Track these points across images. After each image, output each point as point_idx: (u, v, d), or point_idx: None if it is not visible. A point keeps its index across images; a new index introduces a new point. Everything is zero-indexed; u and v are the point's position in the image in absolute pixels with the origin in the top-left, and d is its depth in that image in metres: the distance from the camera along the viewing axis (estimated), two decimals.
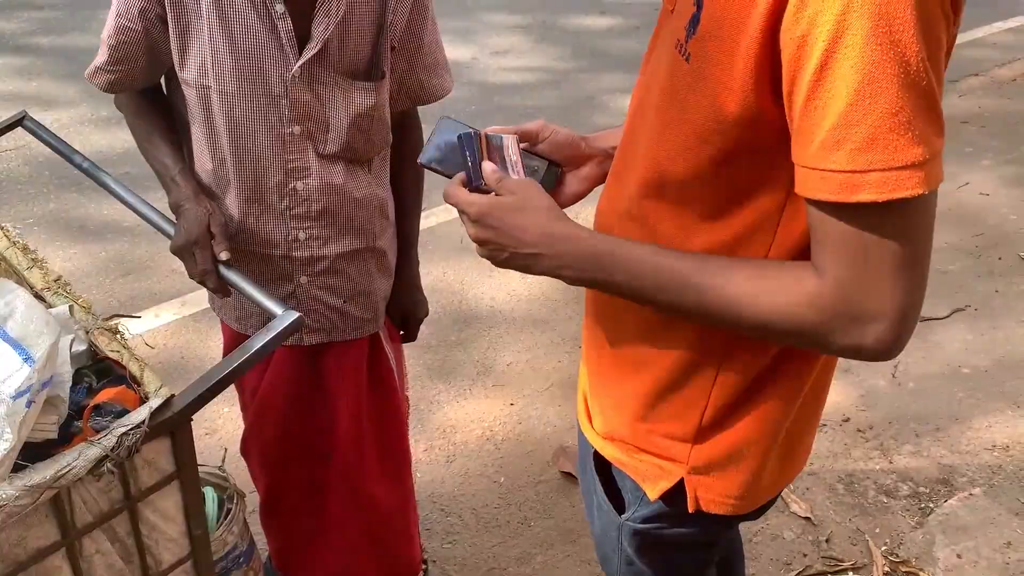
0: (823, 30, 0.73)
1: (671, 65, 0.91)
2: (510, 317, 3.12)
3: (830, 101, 0.74)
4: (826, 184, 0.77)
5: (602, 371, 1.17)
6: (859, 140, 0.74)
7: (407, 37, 1.48)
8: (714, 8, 0.83)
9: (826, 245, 0.81)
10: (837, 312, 0.81)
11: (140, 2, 1.37)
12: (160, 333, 2.95)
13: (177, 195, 1.44)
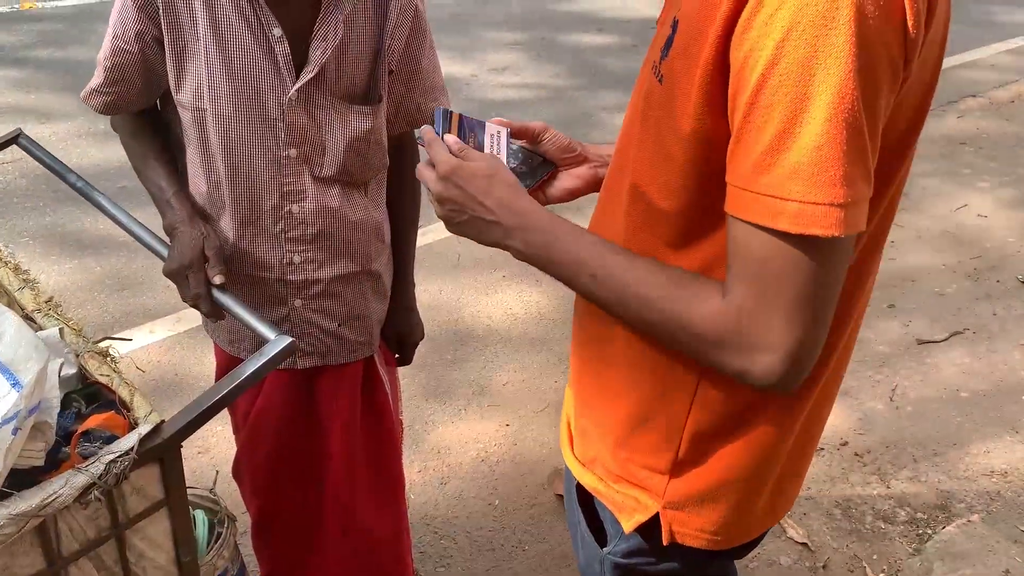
0: (763, 54, 0.73)
1: (647, 87, 0.92)
2: (506, 336, 3.11)
3: (764, 125, 0.74)
4: (753, 205, 0.77)
5: (585, 394, 1.16)
6: (785, 167, 0.74)
7: (405, 61, 1.47)
8: (684, 29, 0.83)
9: (738, 266, 0.81)
10: (731, 337, 0.82)
11: (137, 24, 1.36)
12: (154, 350, 2.93)
13: (172, 217, 1.43)
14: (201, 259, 1.37)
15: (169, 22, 1.35)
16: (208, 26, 1.34)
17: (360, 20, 1.40)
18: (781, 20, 0.72)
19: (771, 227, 0.76)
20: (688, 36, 0.82)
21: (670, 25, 0.87)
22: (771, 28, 0.73)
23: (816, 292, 0.78)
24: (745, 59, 0.75)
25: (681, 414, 1.01)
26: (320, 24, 1.35)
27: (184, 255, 1.37)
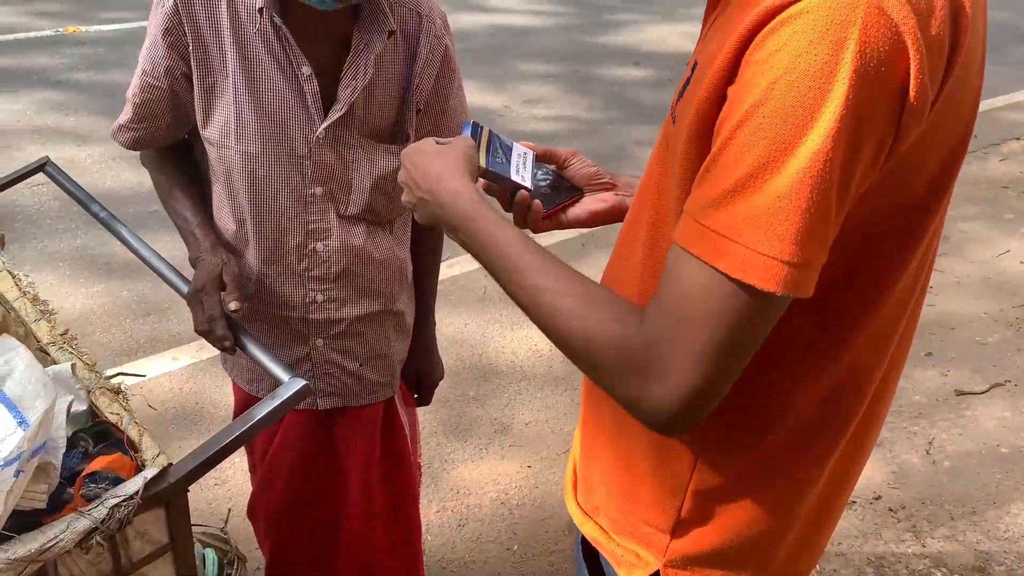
0: (753, 91, 0.70)
1: (665, 128, 0.90)
2: (531, 374, 3.05)
3: (736, 163, 0.71)
4: (700, 239, 0.74)
5: (590, 440, 1.11)
6: (743, 210, 0.71)
7: (433, 100, 1.45)
8: (699, 70, 0.81)
9: (665, 294, 0.78)
10: (634, 361, 0.79)
11: (166, 60, 1.36)
12: (177, 377, 2.92)
13: (195, 248, 1.42)
14: (216, 283, 1.35)
15: (198, 59, 1.35)
16: (238, 63, 1.33)
17: (389, 58, 1.38)
18: (778, 61, 0.69)
19: (711, 264, 0.73)
20: (698, 76, 0.80)
21: (690, 68, 0.84)
22: (767, 67, 0.70)
23: (734, 342, 0.75)
24: (738, 92, 0.72)
25: (684, 470, 0.96)
26: (350, 63, 1.34)
27: (199, 279, 1.35)
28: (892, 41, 0.68)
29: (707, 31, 0.89)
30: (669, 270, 0.78)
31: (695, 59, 0.84)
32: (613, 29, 7.00)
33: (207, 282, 1.34)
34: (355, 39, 1.34)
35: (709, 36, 0.85)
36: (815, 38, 0.68)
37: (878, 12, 0.68)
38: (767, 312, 0.74)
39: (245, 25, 1.33)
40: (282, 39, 1.31)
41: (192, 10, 1.33)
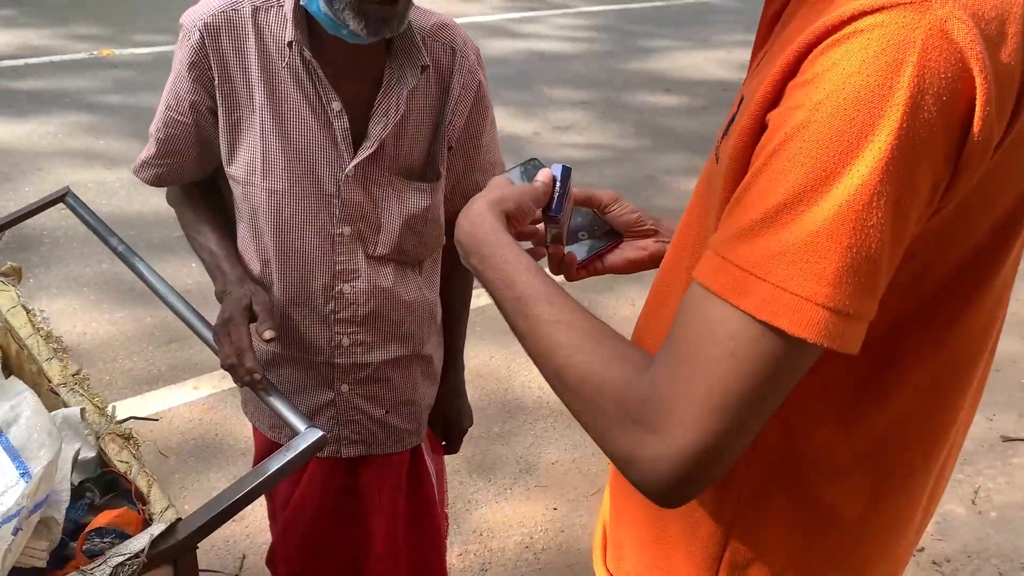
0: (796, 114, 0.62)
1: (708, 168, 0.82)
2: (557, 410, 2.97)
3: (769, 191, 0.63)
4: (720, 273, 0.65)
5: (620, 502, 1.02)
6: (773, 244, 0.62)
7: (466, 137, 1.40)
8: (746, 113, 0.72)
9: (677, 333, 0.68)
10: (631, 407, 0.68)
11: (191, 95, 1.31)
12: (198, 407, 2.87)
13: (222, 281, 1.36)
14: (244, 314, 1.28)
15: (225, 93, 1.30)
16: (265, 98, 1.29)
17: (422, 94, 1.33)
18: (826, 82, 0.61)
19: (733, 303, 0.63)
20: (742, 112, 0.72)
21: (736, 104, 0.77)
22: (812, 88, 0.62)
23: (751, 394, 0.64)
24: (779, 116, 0.64)
25: (717, 541, 0.87)
26: (382, 98, 1.29)
27: (225, 310, 1.29)
28: (956, 67, 0.60)
29: (755, 67, 0.82)
30: (684, 308, 0.69)
31: (741, 95, 0.77)
32: (645, 55, 6.95)
33: (235, 312, 1.27)
34: (387, 74, 1.29)
35: (757, 71, 0.78)
36: (868, 58, 0.60)
37: (941, 35, 0.60)
38: (794, 362, 0.64)
39: (274, 59, 1.28)
40: (312, 74, 1.27)
41: (219, 44, 1.28)
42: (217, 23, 1.28)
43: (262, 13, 1.29)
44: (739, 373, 0.64)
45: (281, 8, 1.28)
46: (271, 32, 1.28)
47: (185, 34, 1.30)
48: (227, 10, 1.29)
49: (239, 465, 2.62)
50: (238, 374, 1.26)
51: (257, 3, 1.29)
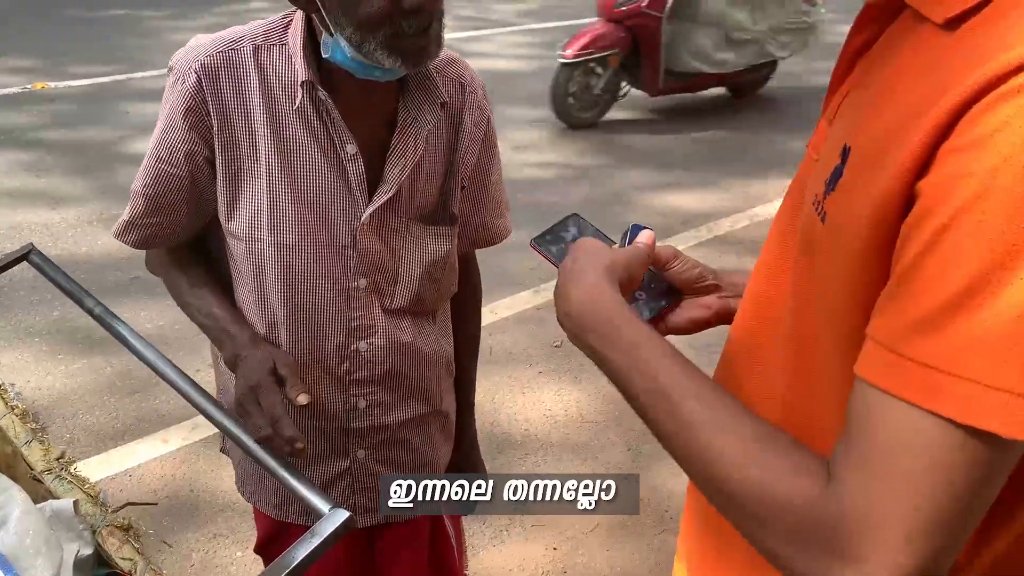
0: (967, 182, 0.54)
1: (808, 224, 0.72)
2: (547, 442, 2.88)
3: (946, 273, 0.55)
4: (902, 374, 0.56)
5: (707, 548, 0.92)
6: (965, 333, 0.54)
7: (475, 175, 1.31)
8: (860, 158, 0.64)
9: (861, 447, 0.60)
10: (821, 533, 0.60)
11: (186, 144, 1.18)
12: (168, 462, 2.71)
13: (232, 347, 1.20)
14: (271, 379, 1.13)
15: (224, 141, 1.18)
16: (272, 143, 1.17)
17: (435, 133, 1.24)
18: (1001, 143, 0.53)
19: (924, 407, 0.55)
20: (865, 166, 0.64)
21: (838, 154, 0.68)
22: (984, 152, 0.54)
23: (961, 507, 0.57)
24: (938, 186, 0.56)
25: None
26: (399, 138, 1.19)
27: (250, 376, 1.13)
28: None
29: (841, 106, 0.74)
30: (859, 414, 0.60)
31: (844, 143, 0.68)
32: None
33: (261, 377, 1.13)
34: (402, 112, 1.19)
35: (852, 114, 0.70)
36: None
37: None
38: (1007, 462, 0.57)
39: (280, 101, 1.17)
40: (324, 115, 1.16)
41: (218, 86, 1.16)
42: (216, 64, 1.16)
43: (264, 52, 1.17)
44: (948, 485, 0.55)
45: (284, 46, 1.17)
46: (275, 71, 1.17)
47: (178, 77, 1.17)
48: (225, 49, 1.17)
49: (218, 523, 2.47)
50: (276, 446, 1.12)
51: (258, 41, 1.17)
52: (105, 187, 4.48)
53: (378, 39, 1.05)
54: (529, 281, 3.81)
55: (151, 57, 6.81)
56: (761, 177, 5.03)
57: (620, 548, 2.45)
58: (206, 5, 8.62)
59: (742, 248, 4.23)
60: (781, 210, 0.84)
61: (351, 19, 1.04)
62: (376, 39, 1.05)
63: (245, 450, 1.21)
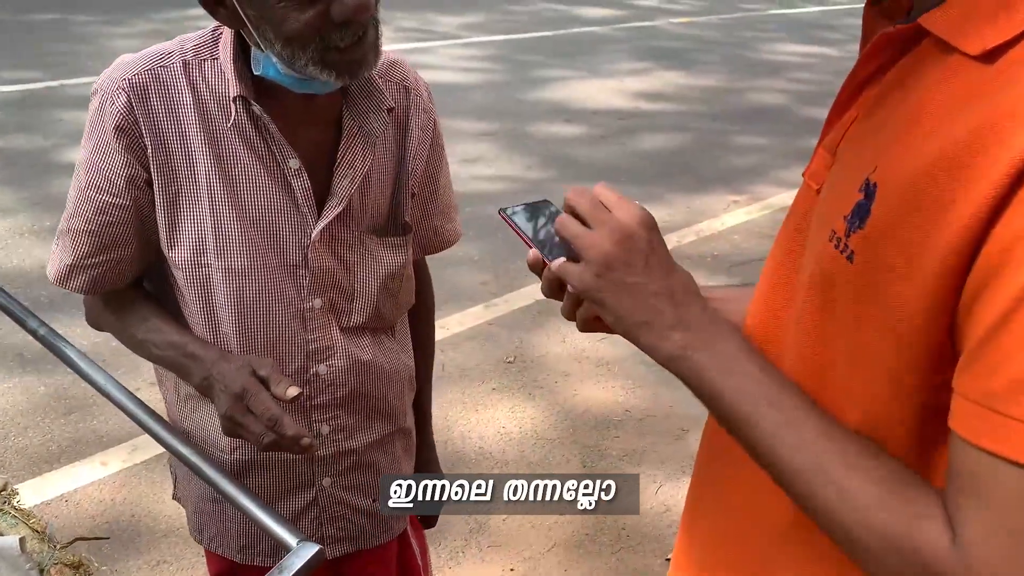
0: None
1: (826, 261, 0.70)
2: (501, 460, 2.84)
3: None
4: (1003, 435, 0.56)
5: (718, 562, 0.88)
6: None
7: (425, 180, 1.27)
8: (897, 204, 0.62)
9: (975, 503, 0.60)
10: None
11: (125, 167, 1.10)
12: (107, 486, 2.59)
13: (201, 369, 1.13)
14: (256, 382, 1.07)
15: (159, 164, 1.10)
16: (211, 163, 1.10)
17: (382, 140, 1.19)
18: None
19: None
20: (910, 207, 0.62)
21: (858, 188, 0.66)
22: None
23: None
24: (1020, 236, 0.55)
25: None
26: (344, 150, 1.14)
27: (233, 384, 1.07)
28: None
29: (846, 137, 0.72)
30: (972, 474, 0.59)
31: (864, 177, 0.66)
32: (541, 85, 6.96)
33: (244, 383, 1.06)
34: (347, 121, 1.14)
35: (868, 147, 0.68)
36: None
37: None
38: None
39: (216, 118, 1.11)
40: (263, 130, 1.10)
41: (150, 105, 1.09)
42: (144, 82, 1.09)
43: (195, 67, 1.11)
44: None
45: (216, 60, 1.11)
46: (209, 87, 1.11)
47: (105, 98, 1.09)
48: (154, 66, 1.10)
49: (162, 549, 2.37)
50: (283, 447, 1.06)
51: (188, 56, 1.11)
52: (37, 197, 4.31)
53: (309, 54, 1.00)
54: (480, 296, 3.78)
55: (84, 63, 6.60)
56: (706, 192, 5.09)
57: (577, 567, 2.42)
58: (141, 10, 8.41)
59: (689, 263, 4.26)
60: (778, 243, 0.81)
61: (279, 35, 0.99)
62: (307, 54, 1.00)
63: (206, 479, 1.15)
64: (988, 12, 0.60)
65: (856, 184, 0.66)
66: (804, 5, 11.39)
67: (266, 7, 0.97)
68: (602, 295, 0.74)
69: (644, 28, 9.40)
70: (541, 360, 3.37)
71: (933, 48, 0.64)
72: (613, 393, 3.19)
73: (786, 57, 8.52)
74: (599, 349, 3.42)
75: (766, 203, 4.96)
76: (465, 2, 9.78)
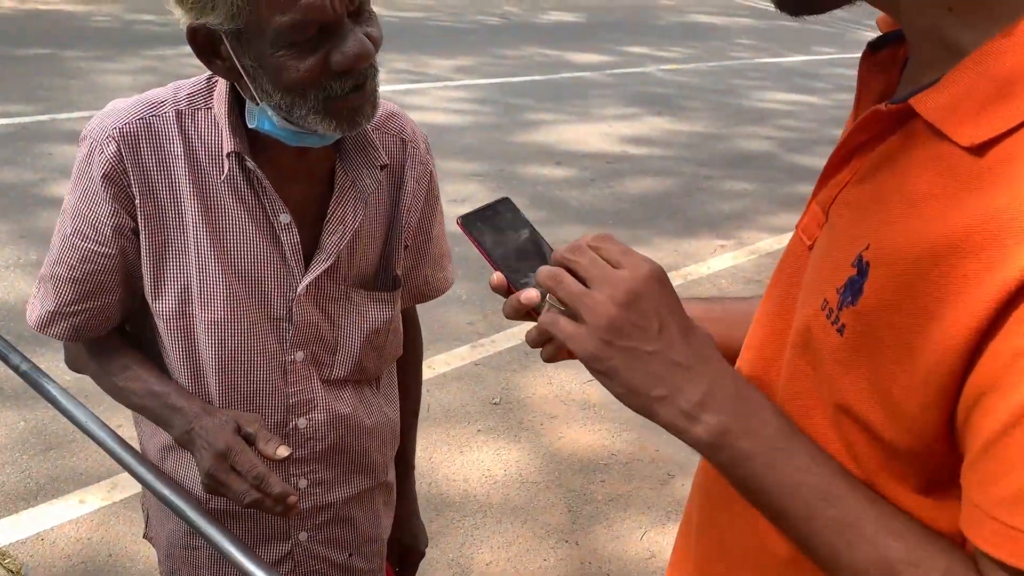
0: None
1: (816, 328, 0.68)
2: (486, 503, 2.81)
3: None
4: (1011, 544, 0.56)
5: None
6: None
7: (418, 232, 1.26)
8: (891, 288, 0.61)
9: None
10: None
11: (112, 216, 1.10)
12: (85, 524, 2.55)
13: (182, 421, 1.12)
14: (240, 440, 1.06)
15: (147, 214, 1.10)
16: (199, 214, 1.10)
17: (374, 194, 1.19)
18: None
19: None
20: (901, 294, 0.60)
21: (851, 263, 0.65)
22: None
23: None
24: (1015, 354, 0.54)
25: None
26: (336, 204, 1.13)
27: (216, 442, 1.05)
28: None
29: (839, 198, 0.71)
30: None
31: (858, 252, 0.65)
32: (531, 128, 7.01)
33: (228, 440, 1.05)
34: (339, 175, 1.14)
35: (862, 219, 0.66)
36: None
37: None
38: None
39: (206, 169, 1.10)
40: (255, 184, 1.10)
41: (139, 155, 1.09)
42: (135, 131, 1.09)
43: (188, 117, 1.11)
44: None
45: (210, 110, 1.11)
46: (201, 138, 1.10)
47: (94, 146, 1.09)
48: (146, 115, 1.10)
49: None
50: (266, 506, 1.04)
51: (181, 105, 1.11)
52: (23, 231, 4.29)
53: (309, 104, 1.00)
54: (467, 336, 3.77)
55: (75, 98, 6.62)
56: (693, 236, 5.12)
57: None
58: (134, 47, 8.45)
59: None
60: (772, 293, 0.80)
61: (278, 85, 0.99)
62: (307, 104, 1.00)
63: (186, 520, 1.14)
64: (978, 102, 0.58)
65: (849, 257, 0.66)
66: (789, 54, 11.59)
67: (264, 56, 0.97)
68: (611, 365, 0.66)
69: (633, 74, 9.51)
70: (527, 401, 3.36)
71: (925, 129, 0.62)
72: (599, 436, 3.17)
73: (772, 104, 8.63)
74: (585, 391, 3.41)
75: (752, 248, 4.99)
76: (457, 45, 9.89)
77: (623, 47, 11.00)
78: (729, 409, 0.67)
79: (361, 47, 0.98)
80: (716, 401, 0.66)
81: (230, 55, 1.00)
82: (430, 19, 11.65)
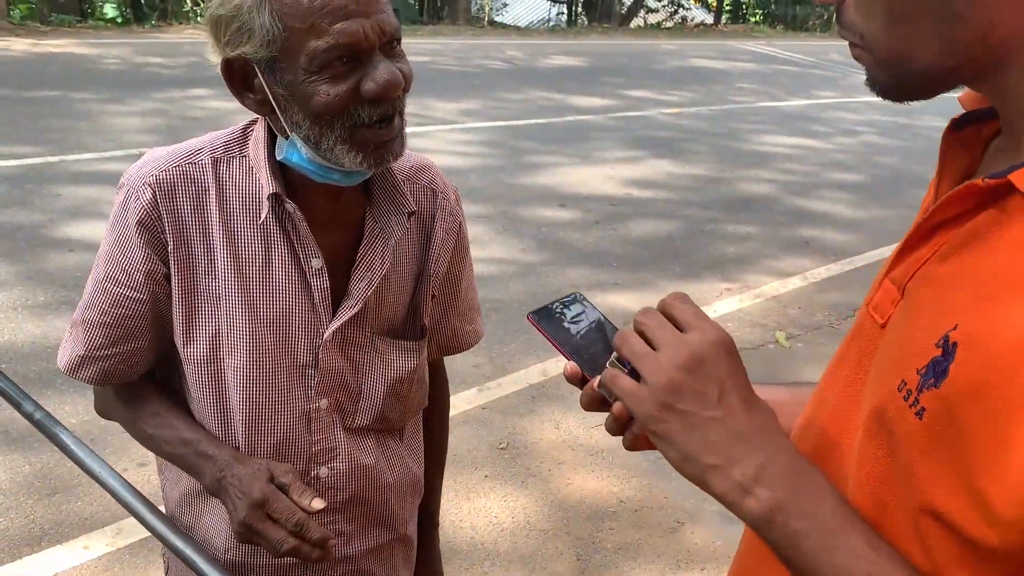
0: None
1: (892, 411, 0.65)
2: (493, 552, 2.78)
3: None
4: None
5: None
6: None
7: (447, 283, 1.27)
8: (983, 373, 0.58)
9: None
10: None
11: (145, 263, 1.11)
12: (89, 570, 2.52)
13: (213, 469, 1.11)
14: (274, 489, 1.05)
15: (180, 260, 1.11)
16: (230, 260, 1.11)
17: (404, 243, 1.20)
18: None
19: None
20: (995, 379, 0.57)
21: (935, 343, 0.62)
22: None
23: None
24: None
25: None
26: (365, 251, 1.15)
27: (252, 491, 1.04)
28: None
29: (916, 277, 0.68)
30: None
31: (944, 333, 0.61)
32: (535, 171, 7.07)
33: (264, 489, 1.04)
34: (369, 223, 1.15)
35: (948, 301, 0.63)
36: None
37: None
38: None
39: (238, 216, 1.11)
40: (290, 228, 1.11)
41: (175, 202, 1.10)
42: (172, 178, 1.10)
43: (223, 164, 1.12)
44: None
45: (245, 157, 1.12)
46: (236, 185, 1.12)
47: (131, 193, 1.10)
48: (182, 163, 1.11)
49: None
50: (303, 552, 1.03)
51: (217, 154, 1.13)
52: (32, 272, 4.30)
53: (336, 132, 1.01)
54: (473, 379, 3.76)
55: (84, 139, 6.68)
56: (698, 279, 5.13)
57: None
58: (144, 90, 8.56)
59: None
60: (837, 371, 0.76)
61: (308, 113, 1.01)
62: (335, 133, 1.01)
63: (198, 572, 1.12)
64: None
65: (933, 337, 0.62)
66: (789, 98, 11.71)
67: (296, 84, 0.99)
68: (667, 427, 0.66)
69: (636, 117, 9.61)
70: (534, 447, 3.34)
71: (1021, 211, 0.59)
72: (607, 483, 3.15)
73: (773, 148, 8.70)
74: (593, 436, 3.39)
75: (758, 291, 5.00)
76: (462, 89, 10.01)
77: (625, 91, 11.13)
78: (784, 485, 0.64)
79: (393, 75, 1.00)
80: (771, 476, 0.64)
81: (263, 87, 1.02)
82: (435, 63, 11.82)
